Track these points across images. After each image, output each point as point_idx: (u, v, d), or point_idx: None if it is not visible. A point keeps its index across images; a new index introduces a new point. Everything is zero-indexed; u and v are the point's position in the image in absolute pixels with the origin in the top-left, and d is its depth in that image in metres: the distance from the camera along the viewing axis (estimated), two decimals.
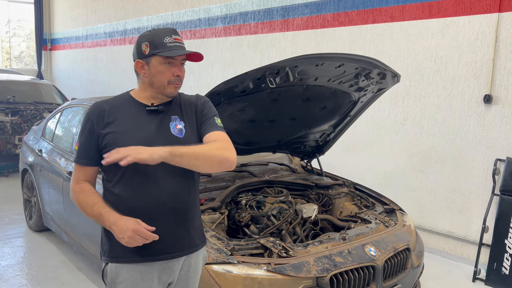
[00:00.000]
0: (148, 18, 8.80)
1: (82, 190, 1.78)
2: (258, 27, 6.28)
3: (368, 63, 2.80)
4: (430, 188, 4.54)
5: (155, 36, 1.78)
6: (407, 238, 2.86)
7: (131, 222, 1.66)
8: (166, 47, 1.75)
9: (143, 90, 1.85)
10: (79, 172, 1.81)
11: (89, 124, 1.78)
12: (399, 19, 4.62)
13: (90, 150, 1.78)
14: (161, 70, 1.78)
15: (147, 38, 1.79)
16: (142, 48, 1.78)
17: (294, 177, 3.58)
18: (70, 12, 12.37)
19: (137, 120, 1.81)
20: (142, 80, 1.83)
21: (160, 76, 1.79)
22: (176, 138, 1.82)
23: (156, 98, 1.85)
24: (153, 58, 1.77)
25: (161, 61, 1.77)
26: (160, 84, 1.80)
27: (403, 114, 4.69)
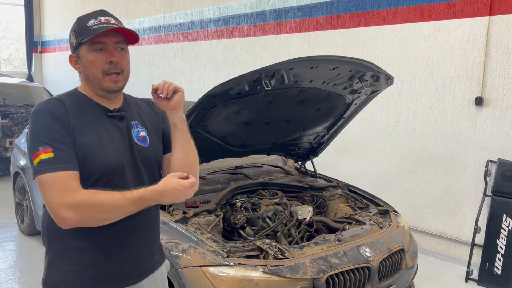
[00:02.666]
0: (140, 20, 8.78)
1: (95, 192, 1.42)
2: (251, 29, 6.29)
3: (362, 65, 2.82)
4: (422, 190, 4.58)
5: (79, 22, 1.53)
6: (401, 239, 2.88)
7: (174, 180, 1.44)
8: (89, 31, 1.48)
9: (86, 88, 1.59)
10: (69, 179, 1.40)
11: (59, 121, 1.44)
12: (391, 22, 4.66)
13: (71, 150, 1.43)
14: (91, 60, 1.51)
15: (73, 28, 1.54)
16: (71, 40, 1.55)
17: (289, 179, 3.59)
18: (60, 14, 12.30)
19: (101, 126, 1.55)
20: (80, 77, 1.59)
21: (92, 67, 1.52)
22: (141, 148, 1.62)
23: (101, 95, 1.58)
24: (81, 48, 1.51)
25: (88, 49, 1.51)
26: (95, 77, 1.53)
27: (396, 116, 4.73)
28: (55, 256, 1.54)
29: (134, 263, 1.63)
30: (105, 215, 1.43)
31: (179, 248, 2.45)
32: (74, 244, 1.51)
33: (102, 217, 1.43)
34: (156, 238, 1.77)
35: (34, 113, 1.47)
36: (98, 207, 1.40)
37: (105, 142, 1.53)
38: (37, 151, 1.39)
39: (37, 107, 1.48)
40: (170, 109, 1.63)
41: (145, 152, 1.64)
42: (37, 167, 1.39)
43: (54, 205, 1.38)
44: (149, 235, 1.70)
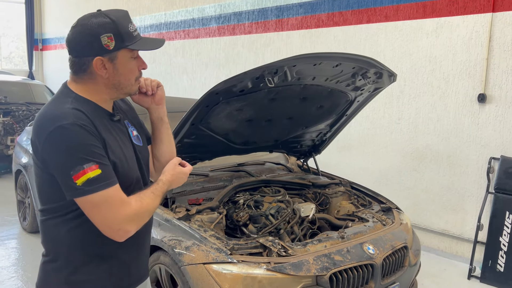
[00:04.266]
0: (141, 18, 8.77)
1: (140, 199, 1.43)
2: (253, 27, 6.28)
3: (365, 62, 2.81)
4: (424, 187, 4.57)
5: (118, 24, 1.40)
6: (404, 236, 2.87)
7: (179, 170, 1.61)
8: (133, 37, 1.43)
9: (99, 93, 1.46)
10: (119, 191, 1.38)
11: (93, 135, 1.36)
12: (393, 19, 4.65)
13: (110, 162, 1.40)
14: (130, 67, 1.46)
15: (108, 28, 1.38)
16: (103, 41, 1.38)
17: (291, 177, 3.58)
18: (61, 12, 12.29)
19: (111, 132, 1.48)
20: (98, 81, 1.44)
21: (130, 74, 1.47)
22: (139, 147, 1.61)
23: (115, 99, 1.53)
24: (119, 52, 1.42)
25: (129, 56, 1.44)
26: (128, 83, 1.48)
27: (398, 113, 4.72)
28: (76, 269, 1.46)
29: (138, 270, 1.66)
30: (149, 217, 1.49)
31: (182, 245, 2.45)
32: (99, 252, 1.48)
33: (147, 219, 1.49)
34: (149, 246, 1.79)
35: (62, 129, 1.31)
36: (147, 212, 1.45)
37: (125, 151, 1.51)
38: (82, 169, 1.30)
39: (62, 122, 1.31)
40: (155, 105, 1.65)
41: (142, 151, 1.64)
42: (84, 187, 1.31)
43: (116, 222, 1.37)
44: (147, 242, 1.73)
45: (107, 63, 1.41)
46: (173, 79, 7.99)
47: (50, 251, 1.49)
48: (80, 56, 1.41)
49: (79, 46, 1.41)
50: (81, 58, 1.42)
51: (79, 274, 1.45)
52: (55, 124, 1.31)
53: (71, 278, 1.45)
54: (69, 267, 1.45)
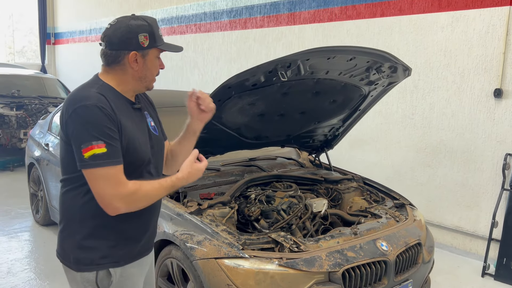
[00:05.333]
0: (152, 11, 8.76)
1: (140, 184, 1.59)
2: (264, 20, 6.23)
3: (379, 56, 2.76)
4: (438, 183, 4.51)
5: (153, 27, 1.68)
6: (418, 233, 2.83)
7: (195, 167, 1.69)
8: (161, 40, 1.71)
9: (125, 83, 1.70)
10: (120, 172, 1.56)
11: (109, 117, 1.56)
12: (408, 12, 4.58)
13: (118, 145, 1.58)
14: (155, 64, 1.72)
15: (145, 29, 1.66)
16: (140, 39, 1.64)
17: (303, 172, 3.55)
18: (73, 6, 12.33)
19: (131, 118, 1.70)
20: (128, 72, 1.67)
21: (154, 70, 1.73)
22: (155, 136, 1.81)
23: (137, 91, 1.76)
24: (151, 51, 1.68)
25: (156, 55, 1.71)
26: (151, 78, 1.73)
27: (412, 108, 4.66)
28: (87, 236, 1.66)
29: (150, 237, 1.86)
30: (147, 203, 1.64)
31: (194, 240, 2.44)
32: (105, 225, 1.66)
33: (145, 205, 1.64)
34: None
35: (85, 107, 1.54)
36: (144, 197, 1.61)
37: (139, 134, 1.70)
38: (90, 145, 1.51)
39: (86, 102, 1.54)
40: (199, 120, 1.89)
41: (158, 140, 1.83)
42: (89, 160, 1.52)
43: (108, 197, 1.55)
44: (158, 212, 1.92)
45: (139, 58, 1.66)
46: (185, 73, 7.99)
47: (65, 219, 1.72)
48: (118, 49, 1.65)
49: (119, 41, 1.64)
50: (118, 51, 1.65)
51: (90, 241, 1.67)
52: (80, 103, 1.55)
53: (82, 243, 1.66)
54: (81, 233, 1.67)
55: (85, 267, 1.68)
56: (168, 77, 8.39)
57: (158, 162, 1.83)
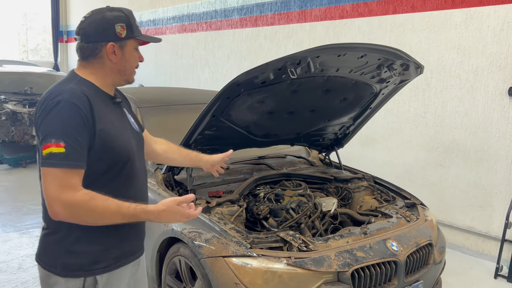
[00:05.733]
0: (163, 9, 8.78)
1: (93, 197, 1.47)
2: (275, 18, 6.20)
3: (391, 53, 2.72)
4: (450, 183, 4.45)
5: (130, 17, 1.63)
6: (429, 233, 2.79)
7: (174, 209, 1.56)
8: (139, 30, 1.66)
9: (104, 77, 1.64)
10: (73, 176, 1.45)
11: (80, 116, 1.47)
12: (420, 9, 4.51)
13: (83, 148, 1.48)
14: (134, 56, 1.66)
15: (122, 19, 1.60)
16: (117, 29, 1.58)
17: (313, 170, 3.52)
18: (86, 4, 12.41)
19: (112, 113, 1.64)
20: (106, 65, 1.61)
21: (133, 62, 1.66)
22: (138, 133, 1.79)
23: (117, 85, 1.70)
24: (129, 41, 1.62)
25: (135, 46, 1.65)
26: (131, 70, 1.68)
27: (424, 106, 4.60)
28: (76, 240, 1.58)
29: (141, 239, 1.82)
30: (93, 221, 1.51)
31: (202, 238, 2.43)
32: (97, 228, 1.55)
33: (90, 221, 1.51)
34: None
35: (57, 103, 1.47)
36: (89, 213, 1.47)
37: (121, 130, 1.65)
38: (49, 142, 1.44)
39: (63, 97, 1.48)
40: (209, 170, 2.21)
41: (140, 136, 1.81)
42: (45, 158, 1.45)
43: (50, 198, 1.46)
44: None
45: (117, 49, 1.60)
46: (195, 71, 7.99)
47: (51, 224, 1.61)
48: (94, 41, 1.59)
49: (95, 33, 1.59)
50: (95, 44, 1.59)
51: (78, 245, 1.58)
52: (54, 98, 1.49)
53: (70, 248, 1.58)
54: (69, 238, 1.58)
55: (74, 273, 1.59)
56: (179, 74, 8.41)
57: (141, 158, 1.80)
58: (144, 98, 3.74)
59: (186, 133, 2.67)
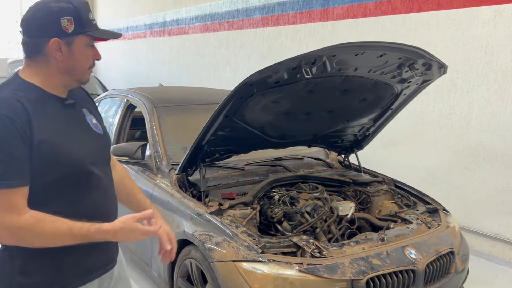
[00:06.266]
0: (186, 9, 8.79)
1: (40, 219, 1.32)
2: (297, 17, 6.11)
3: (412, 52, 2.61)
4: (476, 187, 4.27)
5: (80, 10, 1.41)
6: (451, 241, 2.67)
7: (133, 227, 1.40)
8: (92, 25, 1.44)
9: (50, 77, 1.43)
10: (14, 197, 1.30)
11: (14, 128, 1.29)
12: (446, 7, 4.35)
13: (22, 163, 1.31)
14: (86, 54, 1.45)
15: (69, 12, 1.39)
16: (63, 24, 1.38)
17: (331, 173, 3.43)
18: (112, 4, 12.59)
19: (61, 118, 1.45)
20: (51, 64, 1.41)
21: (84, 61, 1.46)
22: (100, 135, 1.60)
23: (67, 86, 1.49)
24: (78, 37, 1.42)
25: (86, 43, 1.44)
26: (82, 70, 1.47)
27: (449, 107, 4.43)
28: (28, 260, 1.42)
29: (109, 251, 1.64)
30: (43, 244, 1.36)
31: (212, 241, 2.38)
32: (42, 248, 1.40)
33: (40, 245, 1.37)
34: None
35: None
36: (37, 237, 1.33)
37: (72, 135, 1.46)
38: None
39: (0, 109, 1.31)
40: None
41: (102, 139, 1.62)
42: None
43: None
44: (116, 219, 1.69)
45: (63, 46, 1.40)
46: (217, 70, 7.97)
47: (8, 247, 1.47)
48: (36, 36, 1.40)
49: (36, 26, 1.40)
50: (37, 39, 1.40)
51: (31, 265, 1.42)
52: None
53: (25, 267, 1.42)
54: (21, 257, 1.42)
55: None
56: (201, 74, 8.41)
57: (105, 164, 1.61)
58: (161, 98, 3.72)
59: (199, 133, 2.62)
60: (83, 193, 1.48)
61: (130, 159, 3.15)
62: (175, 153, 3.18)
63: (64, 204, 1.43)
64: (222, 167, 3.16)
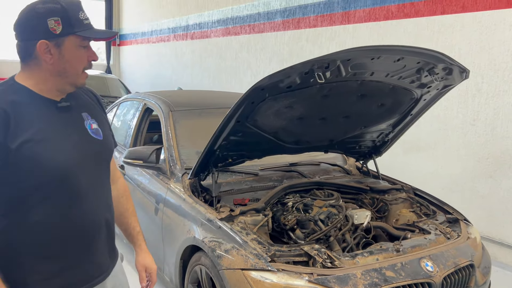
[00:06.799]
0: (209, 13, 8.82)
1: None
2: (318, 20, 6.04)
3: (431, 56, 2.51)
4: (501, 196, 4.11)
5: (68, 10, 1.36)
6: (471, 253, 2.55)
7: None
8: (83, 25, 1.38)
9: (44, 81, 1.40)
10: None
11: None
12: (471, 9, 4.21)
13: None
14: (78, 55, 1.39)
15: (56, 12, 1.34)
16: (50, 25, 1.33)
17: (347, 180, 3.34)
18: (137, 7, 12.75)
19: (51, 122, 1.40)
20: (43, 67, 1.38)
21: (77, 62, 1.40)
22: (98, 141, 1.53)
23: (62, 90, 1.44)
24: (67, 38, 1.36)
25: (77, 43, 1.38)
26: (74, 72, 1.41)
27: (473, 113, 4.28)
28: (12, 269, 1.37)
29: (99, 263, 1.56)
30: None
31: (222, 248, 2.34)
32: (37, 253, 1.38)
33: None
34: (113, 234, 1.67)
35: None
36: None
37: (55, 139, 1.39)
38: None
39: None
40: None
41: (101, 145, 1.55)
42: None
43: None
44: (110, 232, 1.62)
45: (52, 48, 1.36)
46: (238, 74, 7.96)
47: None
48: (25, 39, 1.37)
49: (24, 29, 1.37)
50: (27, 42, 1.37)
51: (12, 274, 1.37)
52: None
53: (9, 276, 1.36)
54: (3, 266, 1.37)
55: None
56: (222, 78, 8.41)
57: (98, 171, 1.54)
58: (178, 102, 3.71)
59: (210, 138, 2.58)
60: (70, 201, 1.42)
61: (145, 162, 3.13)
62: (190, 158, 3.16)
63: (47, 212, 1.38)
64: (236, 172, 3.12)
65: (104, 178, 1.59)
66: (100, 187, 1.55)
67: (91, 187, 1.49)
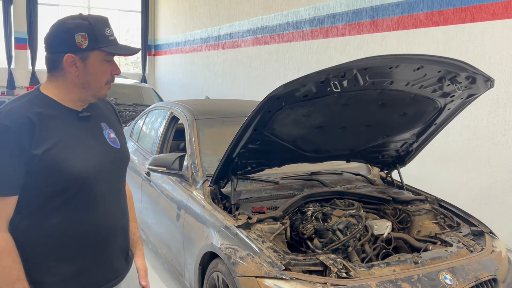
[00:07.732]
0: (239, 23, 8.94)
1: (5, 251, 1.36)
2: (346, 29, 6.02)
3: (452, 65, 2.46)
4: None
5: (95, 26, 1.45)
6: (494, 267, 2.46)
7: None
8: (108, 41, 1.47)
9: (67, 92, 1.49)
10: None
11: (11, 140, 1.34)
12: (502, 16, 4.10)
13: (13, 174, 1.36)
14: (101, 69, 1.48)
15: (83, 28, 1.44)
16: (77, 40, 1.43)
17: (370, 190, 3.30)
18: (171, 19, 13.07)
19: (73, 131, 1.49)
20: (68, 79, 1.47)
21: (100, 76, 1.49)
22: (116, 150, 1.61)
23: (84, 101, 1.54)
24: (92, 53, 1.46)
25: (102, 58, 1.47)
26: (98, 85, 1.49)
27: (504, 123, 4.15)
28: (31, 269, 1.43)
29: (114, 266, 1.63)
30: None
31: (237, 255, 2.36)
32: (55, 255, 1.46)
33: None
34: (129, 238, 1.76)
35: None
36: None
37: (76, 147, 1.47)
38: None
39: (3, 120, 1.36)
40: None
41: (119, 154, 1.63)
42: None
43: None
44: (125, 237, 1.70)
45: (78, 62, 1.45)
46: (267, 83, 8.01)
47: None
48: (53, 52, 1.47)
49: (53, 43, 1.47)
50: (54, 55, 1.46)
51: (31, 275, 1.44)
52: None
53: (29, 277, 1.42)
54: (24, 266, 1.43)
55: None
56: (251, 87, 8.48)
57: (115, 178, 1.63)
58: (202, 110, 3.78)
59: (228, 146, 2.62)
60: (88, 206, 1.50)
61: (168, 169, 3.21)
62: (211, 165, 3.20)
63: (66, 216, 1.46)
64: (256, 180, 3.14)
65: (120, 185, 1.67)
66: (116, 194, 1.63)
67: (108, 194, 1.57)
